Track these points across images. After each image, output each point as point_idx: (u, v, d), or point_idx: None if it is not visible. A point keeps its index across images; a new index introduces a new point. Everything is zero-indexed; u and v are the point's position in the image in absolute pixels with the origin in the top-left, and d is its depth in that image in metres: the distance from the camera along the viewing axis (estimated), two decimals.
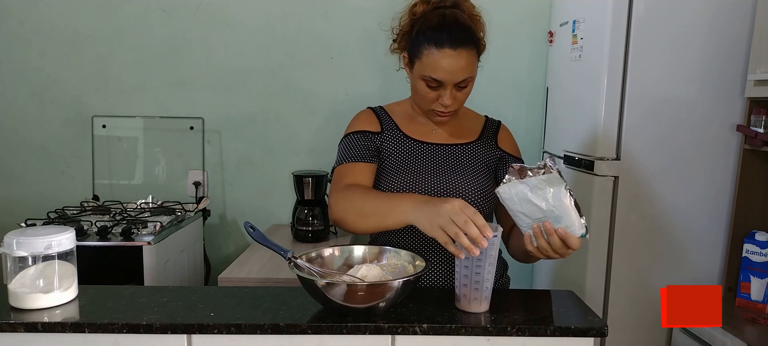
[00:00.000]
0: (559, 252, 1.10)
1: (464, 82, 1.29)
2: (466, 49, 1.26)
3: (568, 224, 1.06)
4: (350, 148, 1.38)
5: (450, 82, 1.27)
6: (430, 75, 1.27)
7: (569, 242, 1.08)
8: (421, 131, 1.42)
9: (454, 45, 1.25)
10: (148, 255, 1.80)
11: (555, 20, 2.20)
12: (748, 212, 1.77)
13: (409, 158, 1.37)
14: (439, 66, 1.26)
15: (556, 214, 1.06)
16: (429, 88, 1.30)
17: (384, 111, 1.47)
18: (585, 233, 1.08)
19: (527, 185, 1.07)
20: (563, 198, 1.05)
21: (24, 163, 2.46)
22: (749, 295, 1.70)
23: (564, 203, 1.05)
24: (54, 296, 1.06)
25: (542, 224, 1.07)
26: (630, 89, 1.75)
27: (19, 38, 2.38)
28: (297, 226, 2.20)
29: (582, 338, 1.03)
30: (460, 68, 1.26)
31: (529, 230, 1.11)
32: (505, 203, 1.11)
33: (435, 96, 1.31)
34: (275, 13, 2.35)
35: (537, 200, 1.06)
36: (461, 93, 1.31)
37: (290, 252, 1.09)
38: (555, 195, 1.05)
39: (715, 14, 1.73)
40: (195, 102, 2.40)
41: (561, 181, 1.06)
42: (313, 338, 1.02)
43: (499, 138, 1.45)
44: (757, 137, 1.67)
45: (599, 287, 1.85)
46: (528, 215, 1.09)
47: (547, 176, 1.06)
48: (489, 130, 1.46)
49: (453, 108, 1.32)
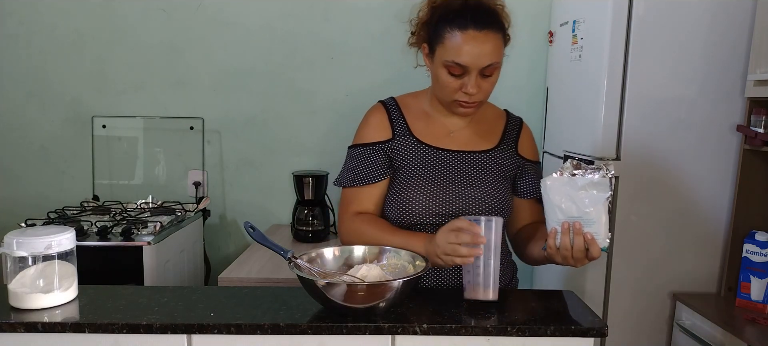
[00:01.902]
0: (576, 256, 1.10)
1: (489, 68, 1.20)
2: (492, 31, 1.18)
3: (597, 232, 1.07)
4: (359, 168, 1.32)
5: (475, 66, 1.18)
6: (453, 60, 1.18)
7: (592, 249, 1.08)
8: (436, 135, 1.33)
9: (479, 26, 1.17)
10: (148, 255, 1.80)
11: (555, 20, 2.20)
12: (748, 212, 1.77)
13: (422, 168, 1.29)
14: (463, 49, 1.17)
15: (590, 218, 1.07)
16: (452, 76, 1.21)
17: (397, 107, 1.36)
18: (606, 248, 1.09)
19: (576, 182, 1.07)
20: (603, 206, 1.06)
21: (24, 163, 2.46)
22: (749, 295, 1.70)
23: (601, 211, 1.06)
24: (54, 296, 1.06)
25: (573, 223, 1.08)
26: (630, 89, 1.75)
27: (19, 38, 2.38)
28: (297, 226, 2.20)
29: (582, 338, 1.03)
30: (486, 52, 1.18)
31: (557, 226, 1.10)
32: (547, 193, 1.11)
33: (458, 85, 1.21)
34: (275, 13, 2.35)
35: (579, 199, 1.07)
36: (486, 82, 1.22)
37: (290, 252, 1.09)
38: (597, 200, 1.06)
39: (715, 14, 1.73)
40: (195, 102, 2.40)
41: (608, 189, 1.06)
42: (313, 338, 1.02)
43: (520, 144, 1.36)
44: (757, 137, 1.67)
45: (599, 287, 1.85)
46: (564, 212, 1.09)
47: (599, 179, 1.06)
48: (510, 134, 1.37)
49: (478, 98, 1.23)
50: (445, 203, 1.26)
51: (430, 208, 1.26)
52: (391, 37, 2.34)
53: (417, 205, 1.26)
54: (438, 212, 1.26)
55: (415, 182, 1.28)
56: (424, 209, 1.26)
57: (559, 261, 1.14)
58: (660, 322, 1.88)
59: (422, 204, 1.26)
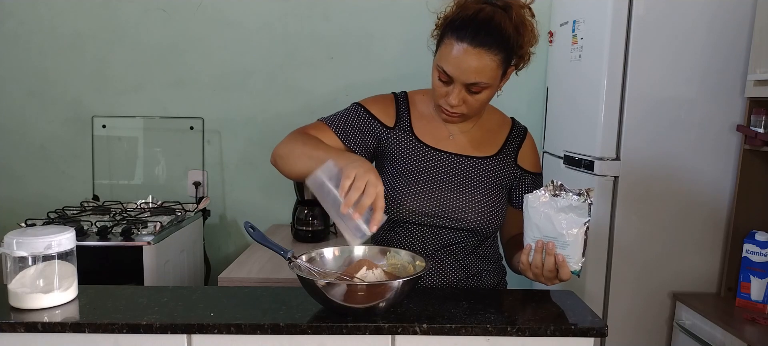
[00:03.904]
0: (547, 275, 1.11)
1: (476, 86, 1.18)
2: (487, 51, 1.15)
3: (570, 254, 1.09)
4: (346, 122, 1.31)
5: (459, 79, 1.17)
6: (441, 66, 1.18)
7: (561, 271, 1.10)
8: (437, 135, 1.31)
9: (475, 43, 1.14)
10: (148, 255, 1.80)
11: (555, 20, 2.20)
12: (748, 212, 1.77)
13: (414, 165, 1.28)
14: (451, 59, 1.16)
15: (565, 240, 1.08)
16: (440, 82, 1.21)
17: (405, 102, 1.34)
18: (578, 272, 1.10)
19: (556, 203, 1.09)
20: (579, 231, 1.08)
21: (24, 163, 2.46)
22: (749, 295, 1.70)
23: (577, 236, 1.08)
24: (54, 296, 1.06)
25: (547, 242, 1.09)
26: (630, 89, 1.75)
27: (19, 38, 2.38)
28: (297, 226, 2.20)
29: (582, 338, 1.03)
30: (473, 69, 1.16)
31: (532, 243, 1.12)
32: (527, 209, 1.13)
33: (444, 92, 1.21)
34: (275, 13, 2.35)
35: (556, 220, 1.09)
36: (473, 98, 1.20)
37: (290, 252, 1.09)
38: (574, 224, 1.08)
39: (715, 14, 1.73)
40: (195, 102, 2.41)
41: (586, 215, 1.08)
42: (313, 338, 1.02)
43: (520, 154, 1.34)
44: (757, 137, 1.67)
45: (599, 287, 1.85)
46: (540, 230, 1.11)
47: (578, 204, 1.08)
48: (512, 143, 1.34)
49: (460, 110, 1.22)
50: (436, 205, 1.25)
51: (421, 207, 1.25)
52: (391, 37, 2.34)
53: (407, 202, 1.25)
54: (428, 212, 1.25)
55: (408, 179, 1.27)
56: (414, 207, 1.25)
57: (531, 277, 1.15)
58: (660, 322, 1.88)
59: (413, 202, 1.25)
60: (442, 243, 1.28)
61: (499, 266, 1.39)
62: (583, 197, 1.08)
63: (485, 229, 1.27)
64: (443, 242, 1.28)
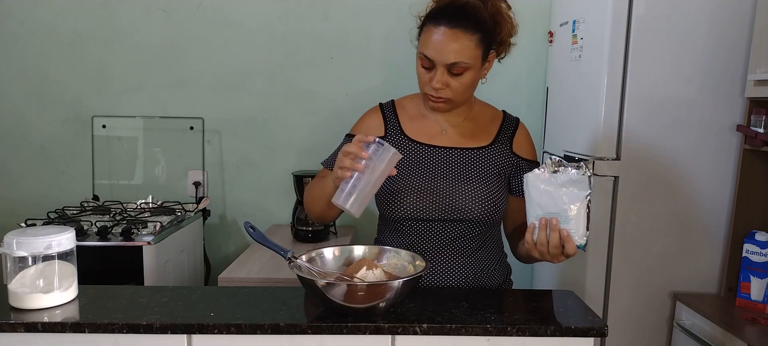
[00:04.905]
0: (553, 252, 1.11)
1: (457, 67, 1.21)
2: (463, 31, 1.20)
3: (574, 230, 1.08)
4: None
5: (439, 61, 1.21)
6: (423, 52, 1.23)
7: (567, 246, 1.09)
8: (429, 132, 1.34)
9: (452, 24, 1.19)
10: (148, 255, 1.80)
11: (555, 20, 2.20)
12: (748, 212, 1.77)
13: (410, 163, 1.30)
14: (430, 42, 1.21)
15: (568, 215, 1.08)
16: (423, 69, 1.25)
17: (392, 109, 1.39)
18: (584, 246, 1.10)
19: (556, 179, 1.09)
20: (581, 204, 1.07)
21: (24, 163, 2.46)
22: (749, 295, 1.70)
23: (579, 209, 1.07)
24: (54, 296, 1.06)
25: (550, 219, 1.09)
26: (630, 89, 1.75)
27: (19, 38, 2.38)
28: (297, 226, 2.20)
29: (582, 338, 1.03)
30: (451, 50, 1.19)
31: (536, 221, 1.12)
32: (528, 189, 1.12)
33: (428, 78, 1.25)
34: (275, 13, 2.35)
35: (557, 195, 1.08)
36: (455, 80, 1.24)
37: (290, 252, 1.09)
38: (575, 198, 1.07)
39: (715, 14, 1.73)
40: (195, 102, 2.40)
41: (587, 188, 1.07)
42: (313, 338, 1.02)
43: (515, 142, 1.36)
44: (757, 137, 1.67)
45: (599, 287, 1.85)
46: (542, 207, 1.10)
47: (578, 177, 1.08)
48: (505, 132, 1.36)
49: (445, 95, 1.25)
50: (436, 198, 1.27)
51: (422, 203, 1.27)
52: (391, 37, 2.34)
53: (408, 200, 1.27)
54: (429, 206, 1.27)
55: (406, 177, 1.29)
56: (414, 203, 1.27)
57: (537, 256, 1.15)
58: (660, 322, 1.88)
59: (413, 199, 1.27)
60: (447, 238, 1.29)
61: (503, 264, 1.39)
62: (582, 170, 1.08)
63: (487, 218, 1.28)
64: (447, 238, 1.29)
